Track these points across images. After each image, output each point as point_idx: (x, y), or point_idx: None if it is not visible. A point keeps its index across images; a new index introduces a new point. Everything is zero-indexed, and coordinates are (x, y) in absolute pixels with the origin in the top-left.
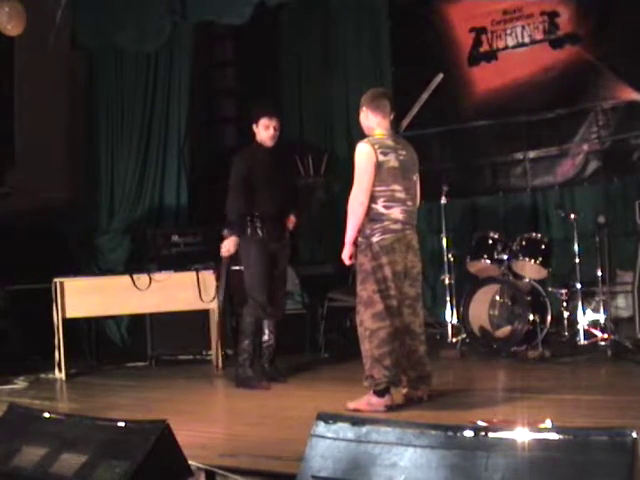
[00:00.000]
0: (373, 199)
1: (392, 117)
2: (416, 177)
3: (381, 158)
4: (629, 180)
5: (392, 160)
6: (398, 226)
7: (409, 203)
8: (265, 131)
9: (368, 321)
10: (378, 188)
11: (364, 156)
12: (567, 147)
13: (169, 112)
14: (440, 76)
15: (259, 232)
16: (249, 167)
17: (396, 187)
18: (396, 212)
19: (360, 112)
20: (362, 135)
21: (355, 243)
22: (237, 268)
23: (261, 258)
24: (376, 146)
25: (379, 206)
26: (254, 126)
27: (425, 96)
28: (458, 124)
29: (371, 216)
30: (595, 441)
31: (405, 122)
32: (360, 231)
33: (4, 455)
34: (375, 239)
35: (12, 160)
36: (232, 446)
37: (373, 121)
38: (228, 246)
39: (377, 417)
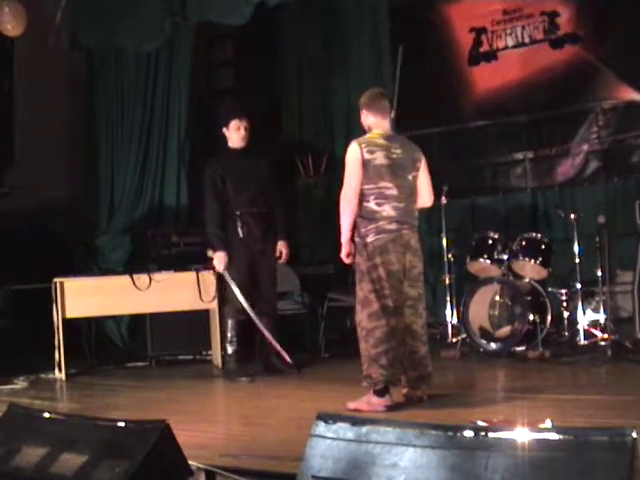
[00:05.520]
0: (365, 197)
1: (393, 116)
2: (412, 176)
3: (367, 156)
4: (629, 180)
5: (379, 158)
6: (393, 226)
7: (403, 201)
8: (236, 132)
9: (364, 321)
10: (366, 186)
11: (351, 155)
12: (567, 147)
13: (169, 112)
14: (401, 48)
15: (240, 232)
16: (220, 174)
17: (386, 184)
18: (388, 209)
19: (360, 113)
20: (363, 135)
21: (353, 240)
22: None
23: (240, 262)
24: (363, 145)
25: (371, 204)
26: (224, 130)
27: (397, 73)
28: (458, 124)
29: (365, 215)
30: (595, 441)
31: (392, 111)
32: (356, 230)
33: (4, 455)
34: (370, 239)
35: (12, 160)
36: (232, 446)
37: (372, 121)
38: (219, 264)
39: (377, 417)
